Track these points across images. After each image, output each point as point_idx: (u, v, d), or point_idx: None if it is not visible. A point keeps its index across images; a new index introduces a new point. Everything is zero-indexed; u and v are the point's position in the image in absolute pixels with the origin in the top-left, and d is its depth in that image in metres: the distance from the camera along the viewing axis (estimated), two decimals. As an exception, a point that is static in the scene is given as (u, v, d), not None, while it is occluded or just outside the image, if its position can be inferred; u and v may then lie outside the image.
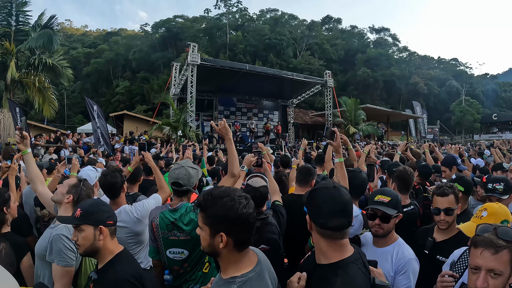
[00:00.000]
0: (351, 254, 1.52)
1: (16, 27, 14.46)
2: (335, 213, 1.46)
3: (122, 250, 2.04)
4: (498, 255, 1.43)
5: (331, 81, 23.22)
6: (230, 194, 1.43)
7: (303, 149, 6.56)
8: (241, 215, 1.40)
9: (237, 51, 49.98)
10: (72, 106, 47.39)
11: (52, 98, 14.97)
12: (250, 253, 1.53)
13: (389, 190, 2.24)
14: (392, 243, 2.16)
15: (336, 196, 1.51)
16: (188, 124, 16.95)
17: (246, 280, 1.40)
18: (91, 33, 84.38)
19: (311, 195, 1.56)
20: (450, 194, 2.39)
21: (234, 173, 2.60)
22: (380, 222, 2.13)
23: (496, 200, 2.52)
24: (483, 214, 1.89)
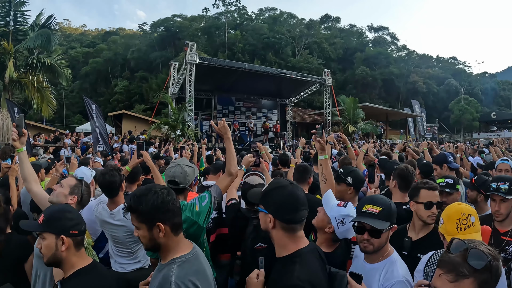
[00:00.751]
0: (307, 245, 1.62)
1: (14, 26, 14.42)
2: (298, 207, 1.58)
3: (88, 265, 1.84)
4: (458, 283, 1.18)
5: (330, 80, 23.22)
6: (152, 188, 1.58)
7: (301, 147, 6.57)
8: (168, 202, 1.56)
9: (236, 50, 49.93)
10: (70, 106, 47.29)
11: (50, 98, 14.94)
12: (186, 240, 1.69)
13: (380, 198, 1.94)
14: (383, 259, 1.88)
15: (296, 192, 1.61)
16: (187, 123, 16.94)
17: (185, 260, 1.56)
18: (89, 33, 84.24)
19: (270, 195, 1.62)
20: (436, 189, 2.38)
21: (231, 171, 2.59)
22: (369, 237, 1.83)
23: (500, 200, 2.45)
24: (473, 220, 1.81)
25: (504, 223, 2.47)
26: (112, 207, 2.78)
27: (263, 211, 1.61)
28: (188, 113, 17.24)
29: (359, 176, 2.94)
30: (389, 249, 1.92)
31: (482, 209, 3.06)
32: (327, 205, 2.22)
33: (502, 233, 2.44)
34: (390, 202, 1.93)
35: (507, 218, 2.46)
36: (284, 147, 14.48)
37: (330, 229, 2.15)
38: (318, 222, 2.24)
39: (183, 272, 1.50)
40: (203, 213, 2.31)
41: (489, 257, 1.17)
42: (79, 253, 1.83)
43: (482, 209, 3.07)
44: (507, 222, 2.46)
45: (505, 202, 2.42)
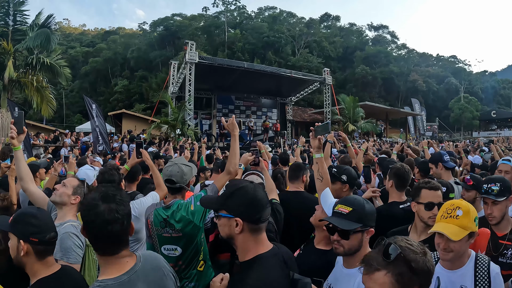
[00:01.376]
0: (269, 249, 1.56)
1: (14, 26, 14.41)
2: (264, 205, 1.54)
3: (52, 275, 1.70)
4: (371, 275, 1.22)
5: (330, 79, 23.21)
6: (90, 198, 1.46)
7: (301, 146, 6.57)
8: (98, 217, 1.39)
9: (236, 49, 49.90)
10: (70, 106, 47.29)
11: (50, 98, 14.94)
12: (124, 260, 1.48)
13: (353, 199, 1.88)
14: (360, 265, 1.88)
15: (259, 190, 1.57)
16: (187, 122, 16.93)
17: (103, 286, 1.38)
18: (89, 32, 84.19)
19: (233, 197, 1.52)
20: (439, 189, 2.30)
21: (230, 170, 2.57)
22: (339, 238, 1.77)
23: (491, 202, 2.33)
24: (458, 213, 1.74)
25: (501, 226, 2.37)
26: (111, 206, 2.77)
27: (227, 216, 1.51)
28: (188, 112, 17.23)
29: (353, 173, 2.99)
30: None
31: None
32: (325, 203, 2.22)
33: (500, 236, 2.34)
34: (364, 203, 1.84)
35: (503, 220, 2.36)
36: (284, 144, 14.48)
37: None
38: (316, 220, 2.24)
39: None
40: (198, 212, 2.31)
41: (404, 250, 1.20)
42: (43, 262, 1.69)
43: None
44: (503, 225, 2.36)
45: (497, 204, 2.32)
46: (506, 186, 2.38)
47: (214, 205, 1.60)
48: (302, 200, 3.07)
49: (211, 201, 1.68)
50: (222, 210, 1.53)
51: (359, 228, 1.75)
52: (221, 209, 1.53)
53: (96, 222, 1.38)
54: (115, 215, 1.41)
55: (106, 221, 1.38)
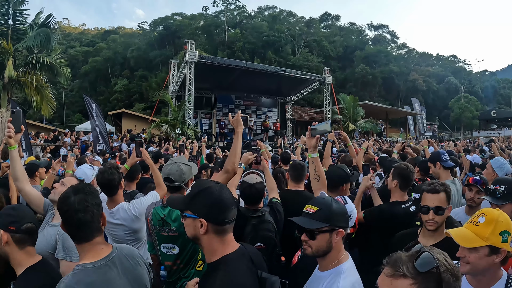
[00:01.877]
0: (236, 249, 1.54)
1: (13, 26, 14.33)
2: (229, 206, 1.52)
3: (37, 263, 1.84)
4: (394, 279, 1.09)
5: (330, 78, 23.19)
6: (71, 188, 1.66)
7: (302, 145, 6.57)
8: (70, 207, 1.56)
9: (236, 49, 49.93)
10: (70, 105, 47.32)
11: (50, 97, 14.88)
12: (99, 248, 1.63)
13: (321, 199, 1.82)
14: (332, 268, 1.70)
15: (225, 191, 1.56)
16: (187, 121, 16.91)
17: (83, 269, 1.53)
18: (89, 32, 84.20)
19: (198, 197, 1.51)
20: (441, 192, 2.15)
21: (228, 168, 2.51)
22: (306, 238, 1.71)
23: (494, 205, 2.23)
24: (480, 220, 1.56)
25: None
26: (111, 206, 2.77)
27: (191, 216, 1.50)
28: (188, 111, 17.21)
29: None
30: (341, 257, 1.74)
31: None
32: None
33: None
34: (332, 203, 1.76)
35: None
36: (284, 142, 14.45)
37: None
38: None
39: (73, 281, 1.48)
40: None
41: (440, 266, 1.06)
42: (24, 251, 1.83)
43: None
44: None
45: (501, 207, 2.16)
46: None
47: (180, 205, 1.58)
48: (303, 199, 3.06)
49: (177, 201, 1.64)
50: (187, 210, 1.51)
51: (326, 228, 1.68)
52: (186, 210, 1.52)
53: (68, 211, 1.56)
54: (84, 204, 1.58)
55: (77, 210, 1.56)
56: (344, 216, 1.76)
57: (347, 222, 1.78)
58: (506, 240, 1.52)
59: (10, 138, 2.42)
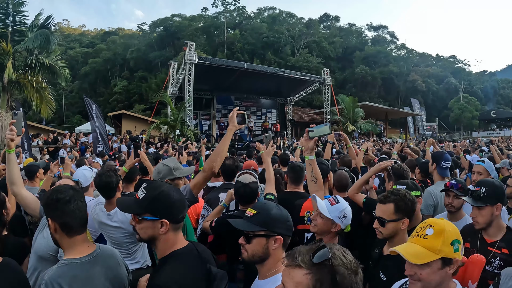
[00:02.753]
0: (185, 246, 1.62)
1: (13, 27, 14.35)
2: (185, 205, 1.64)
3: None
4: (291, 269, 1.12)
5: (329, 79, 23.22)
6: (56, 188, 1.74)
7: (301, 147, 6.55)
8: (57, 200, 1.65)
9: (235, 50, 49.94)
10: (70, 106, 47.32)
11: (49, 98, 14.89)
12: (85, 245, 1.71)
13: (263, 203, 1.76)
14: (270, 277, 1.60)
15: (178, 190, 1.65)
16: (186, 123, 16.92)
17: (67, 264, 1.60)
18: (88, 33, 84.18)
19: (157, 200, 1.54)
20: (388, 203, 2.06)
21: (205, 167, 2.30)
22: (243, 241, 1.64)
23: (475, 207, 2.21)
24: (428, 232, 1.45)
25: (490, 232, 2.23)
26: (109, 208, 2.76)
27: (152, 218, 1.52)
28: (188, 112, 17.22)
29: None
30: (281, 266, 1.59)
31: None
32: (323, 209, 2.26)
33: (489, 243, 2.21)
34: (273, 208, 1.68)
35: (491, 227, 2.22)
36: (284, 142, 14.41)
37: (337, 227, 2.25)
38: (321, 229, 2.30)
39: (57, 273, 1.55)
40: None
41: (335, 259, 1.08)
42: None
43: None
44: (492, 232, 2.22)
45: (480, 210, 2.19)
46: (494, 192, 2.20)
47: (136, 209, 1.57)
48: (301, 202, 3.06)
49: (130, 205, 1.62)
50: (146, 213, 1.54)
51: (262, 232, 1.60)
52: (145, 213, 1.54)
53: (69, 201, 1.66)
54: (79, 196, 1.73)
55: (75, 199, 1.69)
56: (285, 223, 1.66)
57: (289, 230, 1.67)
58: (457, 249, 1.44)
59: (12, 141, 2.39)
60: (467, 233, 2.34)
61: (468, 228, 2.40)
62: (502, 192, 2.28)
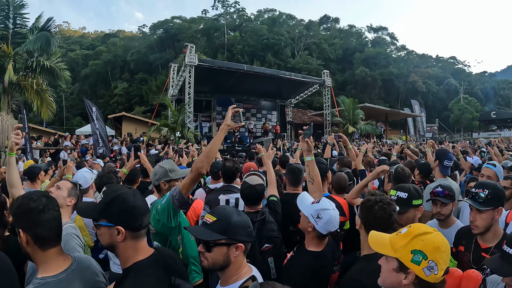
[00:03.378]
0: (149, 255, 1.53)
1: (14, 29, 14.42)
2: (144, 212, 1.53)
3: None
4: None
5: (329, 81, 23.24)
6: (29, 195, 1.56)
7: (301, 149, 6.56)
8: (30, 210, 1.50)
9: (235, 52, 49.98)
10: (70, 108, 47.37)
11: (50, 100, 14.94)
12: (61, 258, 1.57)
13: (222, 209, 1.69)
14: (232, 284, 1.59)
15: (138, 196, 1.54)
16: (186, 125, 16.94)
17: (44, 283, 1.46)
18: (89, 35, 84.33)
19: (113, 205, 1.47)
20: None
21: (192, 168, 2.17)
22: (202, 249, 1.59)
23: (475, 209, 2.11)
24: (402, 231, 1.39)
25: (486, 238, 2.15)
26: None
27: (107, 225, 1.46)
28: (188, 114, 17.25)
29: None
30: (242, 272, 1.61)
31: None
32: (302, 205, 2.26)
33: (483, 248, 2.13)
34: (233, 214, 1.62)
35: (488, 232, 2.13)
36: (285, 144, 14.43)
37: (311, 227, 2.17)
38: (301, 224, 2.27)
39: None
40: (163, 211, 2.23)
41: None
42: None
43: None
44: (489, 237, 2.14)
45: (481, 213, 2.10)
46: (496, 195, 2.11)
47: (93, 213, 1.51)
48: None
49: (88, 209, 1.56)
50: (101, 219, 1.47)
51: (223, 241, 1.55)
52: (101, 218, 1.48)
53: (43, 210, 1.51)
54: (54, 204, 1.58)
55: (49, 208, 1.54)
56: (246, 229, 1.62)
57: (250, 236, 1.63)
58: (417, 261, 1.29)
59: (17, 145, 2.42)
60: (462, 236, 2.32)
61: (464, 231, 2.35)
62: (504, 195, 2.20)
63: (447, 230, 2.56)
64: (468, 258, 2.19)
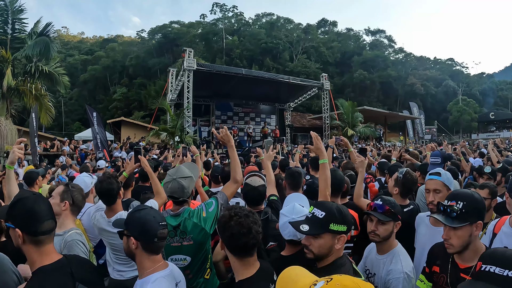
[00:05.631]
0: (54, 261, 1.56)
1: (12, 34, 14.44)
2: (43, 218, 1.54)
3: None
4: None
5: (328, 84, 23.26)
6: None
7: (300, 152, 6.55)
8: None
9: (234, 56, 50.11)
10: (69, 113, 47.37)
11: (49, 106, 14.93)
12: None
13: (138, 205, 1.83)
14: (145, 276, 1.71)
15: (41, 203, 1.57)
16: (185, 129, 16.92)
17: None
18: (87, 40, 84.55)
19: (15, 208, 1.53)
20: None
21: (237, 179, 2.59)
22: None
23: (448, 227, 1.78)
24: (318, 284, 0.92)
25: (465, 256, 1.82)
26: (110, 215, 2.75)
27: (10, 226, 1.54)
28: (187, 119, 17.24)
29: None
30: (155, 267, 1.73)
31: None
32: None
33: (462, 269, 1.82)
34: (135, 210, 1.73)
35: (467, 250, 1.80)
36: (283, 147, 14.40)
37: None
38: None
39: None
40: (209, 219, 2.33)
41: None
42: None
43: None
44: (468, 256, 1.81)
45: (456, 230, 1.76)
46: (474, 208, 1.76)
47: (1, 214, 1.59)
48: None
49: (1, 210, 1.65)
50: (8, 220, 1.54)
51: (125, 232, 1.74)
52: (8, 220, 1.54)
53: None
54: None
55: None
56: (140, 227, 1.69)
57: (144, 235, 1.69)
58: None
59: (17, 157, 2.43)
60: (437, 254, 2.01)
61: (438, 248, 2.02)
62: (483, 207, 1.82)
63: (382, 257, 2.17)
64: (445, 280, 1.89)
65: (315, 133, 2.74)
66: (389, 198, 2.23)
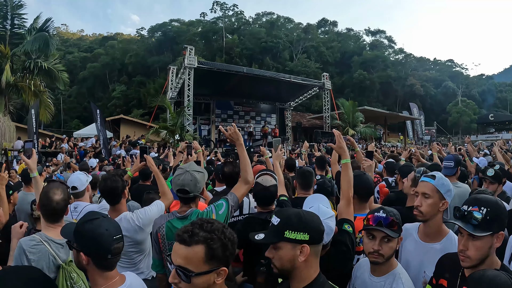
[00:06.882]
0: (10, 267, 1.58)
1: (11, 30, 14.31)
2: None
3: None
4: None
5: (329, 84, 23.18)
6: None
7: (305, 151, 6.46)
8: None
9: (234, 55, 49.98)
10: (68, 111, 47.11)
11: (48, 102, 14.80)
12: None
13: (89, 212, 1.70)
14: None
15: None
16: (185, 127, 16.81)
17: None
18: (87, 38, 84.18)
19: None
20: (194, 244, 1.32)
21: (248, 179, 2.47)
22: None
23: (467, 235, 1.54)
24: None
25: None
26: (114, 216, 2.61)
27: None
28: (187, 117, 17.12)
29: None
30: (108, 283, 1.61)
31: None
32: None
33: None
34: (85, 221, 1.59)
35: (482, 265, 1.53)
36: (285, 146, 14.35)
37: None
38: None
39: None
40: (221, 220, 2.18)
41: None
42: None
43: None
44: None
45: (476, 240, 1.52)
46: (497, 216, 1.52)
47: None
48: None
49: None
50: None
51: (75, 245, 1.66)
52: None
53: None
54: None
55: None
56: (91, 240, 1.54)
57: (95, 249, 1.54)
58: None
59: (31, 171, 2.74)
60: (446, 267, 1.76)
61: (448, 261, 1.76)
62: (506, 216, 1.57)
63: (378, 279, 1.80)
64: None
65: (338, 132, 2.62)
66: (391, 208, 1.87)
